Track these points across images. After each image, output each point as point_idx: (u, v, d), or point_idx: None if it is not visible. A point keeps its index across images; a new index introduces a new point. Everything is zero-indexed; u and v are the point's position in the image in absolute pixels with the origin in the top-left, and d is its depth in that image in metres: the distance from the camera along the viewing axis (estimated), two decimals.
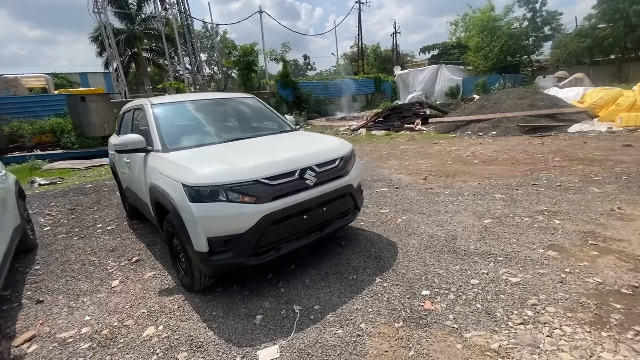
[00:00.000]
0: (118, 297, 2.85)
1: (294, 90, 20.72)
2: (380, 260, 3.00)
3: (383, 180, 5.75)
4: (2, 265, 2.81)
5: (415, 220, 3.85)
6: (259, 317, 2.36)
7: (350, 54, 43.22)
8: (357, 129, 13.68)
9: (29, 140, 11.68)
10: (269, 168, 2.49)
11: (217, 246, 2.34)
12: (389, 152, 8.44)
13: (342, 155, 2.97)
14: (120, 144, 2.99)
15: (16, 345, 2.33)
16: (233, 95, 4.29)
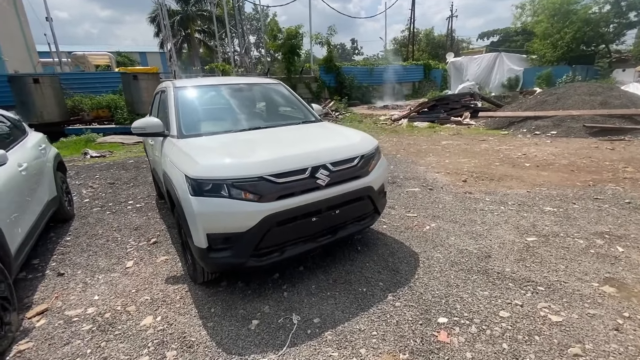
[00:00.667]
0: (128, 279, 2.88)
1: (337, 76, 20.18)
2: (396, 273, 2.69)
3: (416, 178, 5.31)
4: (30, 234, 2.96)
5: (445, 230, 3.44)
6: (254, 323, 2.22)
7: (401, 39, 41.10)
8: (398, 119, 13.00)
9: (88, 114, 12.66)
10: (276, 164, 2.28)
11: (216, 243, 2.21)
12: (428, 147, 7.85)
13: (363, 152, 2.67)
14: (139, 127, 2.95)
15: (28, 317, 2.43)
16: (259, 80, 4.11)
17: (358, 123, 12.95)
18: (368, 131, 10.86)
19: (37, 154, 3.67)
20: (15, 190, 2.79)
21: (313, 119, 3.61)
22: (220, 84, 3.70)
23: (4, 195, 2.56)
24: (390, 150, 7.78)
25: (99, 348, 2.09)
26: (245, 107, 3.51)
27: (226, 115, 3.30)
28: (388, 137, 9.77)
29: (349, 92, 20.20)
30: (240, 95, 3.62)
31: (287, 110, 3.74)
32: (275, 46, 18.18)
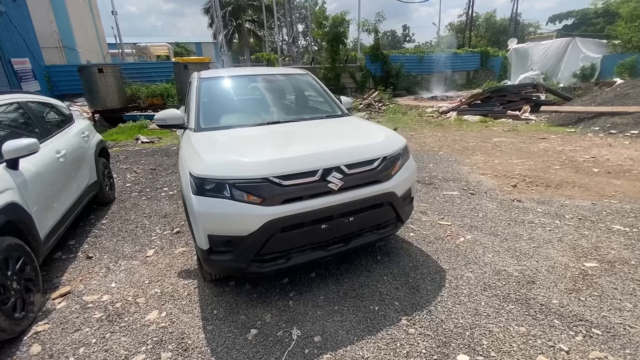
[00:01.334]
0: (146, 268, 2.93)
1: (384, 64, 19.33)
2: (416, 292, 2.39)
3: (457, 180, 4.80)
4: (64, 218, 3.14)
5: (483, 244, 3.02)
6: (253, 332, 2.09)
7: (457, 24, 38.22)
8: (446, 112, 12.09)
9: (143, 102, 13.58)
10: (283, 165, 2.09)
11: (217, 245, 2.10)
12: (477, 144, 7.12)
13: (385, 154, 2.37)
14: (160, 118, 2.94)
15: (53, 298, 2.56)
16: (287, 70, 3.92)
17: (402, 115, 12.29)
18: (411, 124, 10.28)
19: (79, 141, 3.89)
20: (49, 177, 2.94)
21: (339, 113, 3.34)
22: (246, 74, 3.58)
23: (36, 182, 2.71)
24: (432, 146, 7.20)
25: (103, 339, 2.12)
26: (267, 99, 3.36)
27: (247, 108, 3.18)
28: (432, 131, 9.10)
29: (396, 81, 19.28)
30: (264, 86, 3.47)
31: (312, 103, 3.51)
32: (320, 34, 17.83)
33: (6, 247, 2.12)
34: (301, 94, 3.58)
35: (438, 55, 21.73)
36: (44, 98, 3.85)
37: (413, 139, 8.18)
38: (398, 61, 19.78)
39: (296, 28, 30.51)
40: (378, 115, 12.51)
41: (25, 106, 3.21)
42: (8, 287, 2.11)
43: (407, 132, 9.10)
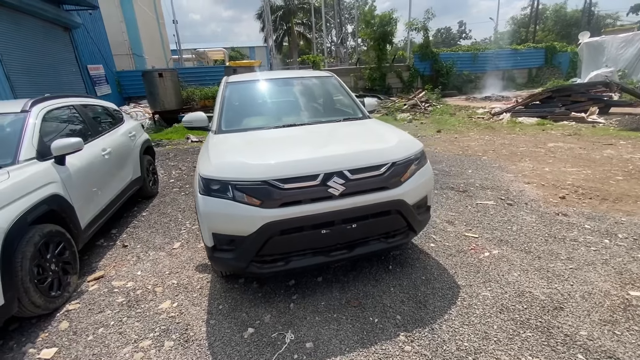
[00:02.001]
0: (169, 260, 3.15)
1: (433, 63, 18.48)
2: (422, 307, 2.24)
3: (496, 189, 4.41)
4: (106, 209, 3.51)
5: (510, 260, 2.73)
6: (250, 331, 2.14)
7: (521, 18, 35.18)
8: (499, 113, 11.19)
9: (197, 103, 14.61)
10: (284, 168, 2.10)
11: (221, 244, 2.18)
12: (527, 150, 6.49)
13: (394, 159, 2.26)
14: (187, 120, 3.14)
15: (88, 280, 2.87)
16: (311, 73, 3.94)
17: (449, 116, 11.67)
18: (457, 126, 9.69)
19: (125, 140, 4.31)
20: (93, 172, 3.30)
21: (360, 115, 3.27)
22: (270, 78, 3.67)
23: (80, 177, 3.05)
24: (476, 150, 6.71)
25: (120, 322, 2.32)
26: (288, 102, 3.40)
27: (266, 111, 3.26)
28: (479, 134, 8.48)
29: (446, 80, 18.33)
30: (286, 90, 3.52)
31: (333, 105, 3.48)
32: (367, 34, 17.59)
33: (47, 233, 2.43)
34: (323, 96, 3.57)
35: (495, 52, 20.19)
36: (97, 101, 4.34)
37: (456, 142, 7.71)
38: (449, 59, 18.76)
39: (345, 29, 30.51)
40: (423, 117, 12.00)
41: (78, 109, 3.64)
42: (47, 268, 2.41)
43: (451, 134, 8.61)
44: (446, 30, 49.84)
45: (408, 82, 18.45)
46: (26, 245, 2.22)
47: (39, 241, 2.33)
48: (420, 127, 9.72)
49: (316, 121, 3.10)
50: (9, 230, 2.08)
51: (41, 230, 2.38)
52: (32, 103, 3.02)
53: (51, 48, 10.12)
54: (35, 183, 2.45)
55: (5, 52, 8.18)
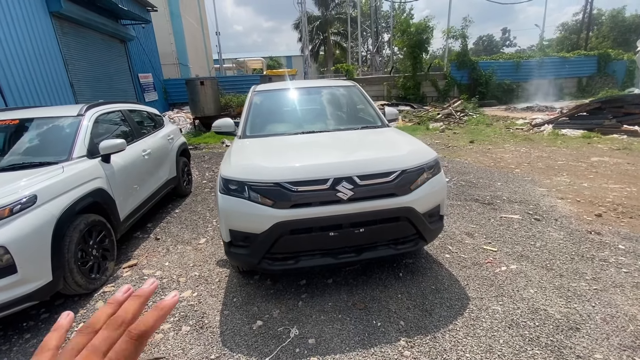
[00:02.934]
0: (195, 254, 3.40)
1: (471, 72, 17.92)
2: (427, 315, 2.24)
3: (524, 203, 4.23)
4: (143, 205, 3.86)
5: (528, 277, 2.63)
6: (259, 323, 2.27)
7: (572, 24, 33.07)
8: (540, 124, 10.60)
9: (234, 110, 15.37)
10: (296, 171, 2.23)
11: (237, 240, 2.35)
12: (566, 164, 6.11)
13: (404, 167, 2.31)
14: (216, 125, 3.40)
15: (123, 267, 3.19)
16: (335, 83, 4.07)
17: (485, 127, 11.27)
18: (492, 137, 9.34)
19: (164, 143, 4.71)
20: (134, 170, 3.67)
21: (379, 124, 3.34)
22: (295, 87, 3.85)
23: (124, 174, 3.41)
24: (509, 162, 6.44)
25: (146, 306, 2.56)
26: (309, 111, 3.56)
27: (288, 119, 3.43)
28: (515, 145, 8.12)
29: (485, 90, 17.69)
30: (309, 98, 3.69)
31: (354, 113, 3.58)
32: (402, 42, 17.49)
33: (91, 222, 2.75)
34: (344, 105, 3.69)
35: (540, 60, 19.13)
36: (142, 107, 4.79)
37: (489, 153, 7.44)
38: (489, 68, 18.09)
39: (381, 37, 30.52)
40: (457, 126, 11.69)
41: (125, 113, 4.06)
42: (89, 252, 2.73)
43: (484, 145, 8.32)
44: (488, 38, 48.00)
45: (444, 91, 18.03)
46: (73, 231, 2.54)
47: (83, 228, 2.65)
48: (453, 137, 9.47)
49: (335, 129, 3.22)
50: (60, 217, 2.41)
51: (86, 219, 2.71)
52: (87, 108, 3.44)
53: (109, 58, 11.23)
54: (84, 178, 2.80)
55: (71, 61, 9.22)
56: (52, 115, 3.33)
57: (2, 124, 3.17)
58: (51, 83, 8.25)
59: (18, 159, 2.86)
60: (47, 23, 8.47)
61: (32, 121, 3.24)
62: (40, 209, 2.30)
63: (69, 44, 9.36)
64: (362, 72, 22.69)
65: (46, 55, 8.19)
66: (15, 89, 7.06)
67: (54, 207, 2.39)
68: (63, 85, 8.74)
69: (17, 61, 7.28)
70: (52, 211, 2.37)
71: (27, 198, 2.24)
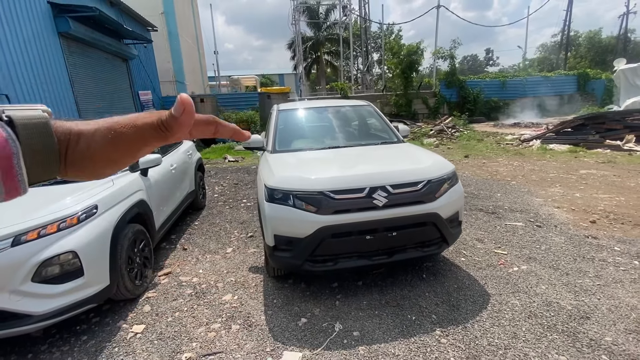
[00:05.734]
0: (225, 261, 3.59)
1: (460, 90, 18.81)
2: (455, 310, 2.50)
3: (525, 211, 4.59)
4: (171, 216, 4.05)
5: (538, 275, 2.93)
6: (303, 320, 2.48)
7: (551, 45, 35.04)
8: (528, 140, 11.22)
9: None
10: (336, 182, 2.51)
11: (281, 243, 2.59)
12: (558, 176, 6.57)
13: (429, 177, 2.62)
14: (246, 142, 3.67)
15: (159, 275, 3.35)
16: (351, 102, 4.43)
17: (476, 142, 11.82)
18: (485, 152, 9.85)
19: (185, 158, 4.94)
20: (165, 183, 3.88)
21: (395, 140, 3.67)
22: (316, 106, 4.19)
23: (158, 187, 3.63)
24: (505, 175, 6.87)
25: (192, 309, 2.74)
26: (332, 127, 3.88)
27: (314, 135, 3.74)
28: (508, 159, 8.60)
29: (473, 107, 18.52)
30: (330, 116, 4.01)
31: (372, 130, 3.92)
32: (394, 63, 18.29)
33: (136, 231, 2.95)
34: (362, 122, 4.03)
35: (523, 79, 20.24)
36: None
37: (485, 167, 7.89)
38: (477, 86, 19.03)
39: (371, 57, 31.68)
40: (450, 142, 12.23)
41: None
42: (134, 260, 2.91)
43: (478, 159, 8.78)
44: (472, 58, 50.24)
45: (434, 108, 18.79)
46: (124, 239, 2.73)
47: (131, 237, 2.84)
48: (447, 152, 9.95)
49: (357, 144, 3.54)
50: (116, 225, 2.61)
51: (133, 228, 2.90)
52: None
53: (112, 76, 11.47)
54: (130, 190, 3.01)
55: (77, 80, 9.43)
56: None
57: None
58: (57, 100, 8.44)
59: None
60: (55, 43, 8.71)
61: None
62: (100, 217, 2.51)
63: (76, 62, 9.59)
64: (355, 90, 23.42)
65: (54, 73, 8.40)
66: None
67: (111, 216, 2.60)
68: (68, 103, 8.93)
69: (27, 79, 7.47)
70: (110, 220, 2.57)
71: (90, 207, 2.45)
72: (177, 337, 2.39)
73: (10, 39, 7.11)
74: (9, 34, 7.07)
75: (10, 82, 7.12)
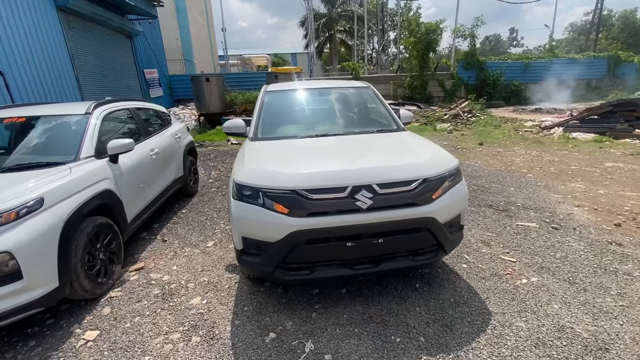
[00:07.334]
0: (203, 257, 3.31)
1: (479, 72, 17.72)
2: (448, 331, 2.15)
3: (540, 210, 4.12)
4: (150, 205, 3.78)
5: (550, 291, 2.53)
6: (271, 336, 2.18)
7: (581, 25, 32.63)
8: (549, 127, 10.44)
9: (239, 107, 15.27)
10: (313, 178, 2.13)
11: (249, 247, 2.26)
12: (580, 169, 5.98)
13: (426, 175, 2.21)
14: (227, 126, 3.31)
15: (130, 270, 3.11)
16: (348, 84, 3.96)
17: (493, 128, 11.10)
18: (501, 139, 9.20)
19: (171, 142, 4.62)
20: (142, 171, 3.58)
21: (394, 127, 3.23)
22: (308, 88, 3.75)
23: (132, 174, 3.33)
24: (521, 166, 6.31)
25: (154, 313, 2.48)
26: (322, 113, 3.46)
27: (301, 121, 3.33)
28: (525, 149, 7.97)
29: (492, 90, 17.50)
30: (322, 100, 3.58)
31: (368, 116, 3.47)
32: (411, 42, 17.28)
33: (98, 224, 2.67)
34: (358, 107, 3.58)
35: (548, 61, 18.88)
36: (149, 105, 4.70)
37: (499, 156, 7.32)
38: (497, 68, 17.88)
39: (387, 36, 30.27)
40: (464, 127, 11.55)
41: (133, 111, 3.98)
42: (96, 256, 2.65)
43: (493, 147, 8.19)
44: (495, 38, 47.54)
45: (450, 91, 17.85)
46: (80, 235, 2.46)
47: (91, 231, 2.57)
48: (461, 139, 9.34)
49: (349, 132, 3.12)
50: (67, 220, 2.32)
51: (93, 222, 2.63)
52: (95, 106, 3.36)
53: (115, 54, 11.14)
54: (91, 179, 2.71)
55: (77, 56, 9.14)
56: (58, 113, 3.25)
57: (8, 122, 3.09)
58: (57, 78, 8.18)
59: (24, 159, 2.78)
60: (53, 17, 8.37)
61: (38, 119, 3.16)
62: (47, 212, 2.22)
63: (75, 38, 9.27)
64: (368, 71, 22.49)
65: (52, 50, 8.11)
66: (22, 84, 7.00)
67: (61, 210, 2.31)
68: (69, 81, 8.67)
69: (24, 56, 7.20)
70: (60, 214, 2.29)
71: (33, 201, 2.16)
72: (130, 349, 2.14)
73: (4, 13, 6.80)
74: (2, 7, 6.77)
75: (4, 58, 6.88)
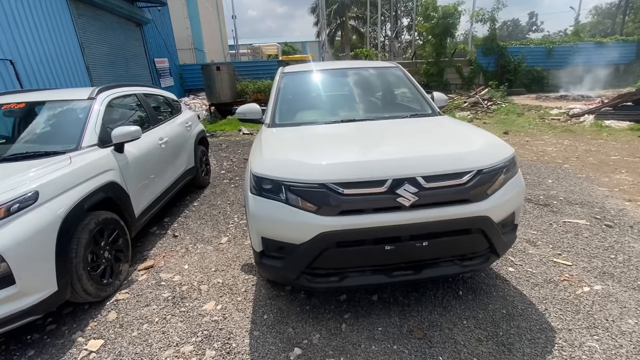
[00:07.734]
0: (216, 255, 3.04)
1: (499, 58, 16.86)
2: (507, 352, 1.81)
3: (587, 204, 3.69)
4: (160, 198, 3.52)
5: (621, 302, 2.16)
6: (297, 352, 1.89)
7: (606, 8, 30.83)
8: (579, 115, 9.78)
9: (250, 96, 14.94)
10: (345, 170, 1.80)
11: (270, 250, 1.96)
12: (621, 159, 5.46)
13: (480, 166, 1.85)
14: (241, 112, 3.00)
15: (138, 269, 2.86)
16: (374, 64, 3.57)
17: (516, 117, 10.51)
18: (527, 128, 8.64)
19: (181, 130, 4.34)
20: (150, 161, 3.31)
21: (429, 112, 2.85)
22: (329, 68, 3.38)
23: (139, 165, 3.06)
24: (555, 157, 5.84)
25: (164, 320, 2.23)
26: (347, 95, 3.09)
27: (324, 105, 2.98)
28: (556, 137, 7.44)
29: (513, 77, 16.66)
30: (346, 81, 3.21)
31: (399, 99, 3.10)
32: (427, 27, 16.52)
33: (102, 220, 2.41)
34: (387, 89, 3.20)
35: (573, 45, 17.82)
36: (158, 91, 4.42)
37: (528, 145, 6.83)
38: (518, 54, 16.97)
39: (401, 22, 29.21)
40: (485, 116, 10.98)
41: (140, 97, 3.69)
42: (100, 255, 2.40)
43: (520, 137, 7.68)
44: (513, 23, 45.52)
45: (468, 79, 17.09)
46: (82, 232, 2.20)
47: (94, 228, 2.31)
48: (483, 128, 8.81)
49: (379, 117, 2.76)
50: (66, 217, 2.06)
51: (97, 218, 2.37)
52: (99, 91, 3.08)
53: (125, 42, 10.91)
54: (94, 170, 2.45)
55: (87, 44, 8.92)
56: (59, 99, 2.99)
57: (5, 108, 2.84)
58: (67, 66, 7.99)
59: (20, 148, 2.53)
60: (62, 4, 8.16)
61: (37, 105, 2.91)
62: (42, 207, 1.96)
63: (85, 26, 9.06)
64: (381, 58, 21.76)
65: (62, 38, 7.90)
66: (32, 73, 6.83)
67: (59, 205, 2.05)
68: (79, 69, 8.48)
69: (33, 45, 7.01)
70: (57, 210, 2.03)
71: (27, 195, 1.90)
72: None
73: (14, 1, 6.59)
74: None
75: (14, 46, 6.69)
